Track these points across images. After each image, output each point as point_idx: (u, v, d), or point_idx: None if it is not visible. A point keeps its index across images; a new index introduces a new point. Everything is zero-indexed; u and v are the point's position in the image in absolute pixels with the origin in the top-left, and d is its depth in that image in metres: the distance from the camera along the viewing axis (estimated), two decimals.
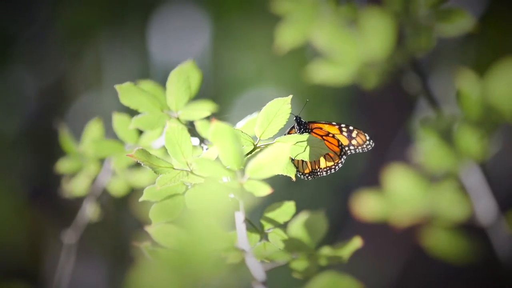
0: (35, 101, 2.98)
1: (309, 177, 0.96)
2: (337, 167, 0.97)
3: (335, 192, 2.76)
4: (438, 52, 2.37)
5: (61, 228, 1.27)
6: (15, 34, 3.04)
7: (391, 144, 2.45)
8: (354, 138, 0.97)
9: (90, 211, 1.14)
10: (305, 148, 0.82)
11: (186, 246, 0.70)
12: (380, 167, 1.52)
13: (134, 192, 1.17)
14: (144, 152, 0.77)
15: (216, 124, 0.75)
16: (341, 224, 2.50)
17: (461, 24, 1.36)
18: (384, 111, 2.58)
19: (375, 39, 1.40)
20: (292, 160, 0.90)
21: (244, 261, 0.79)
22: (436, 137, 1.43)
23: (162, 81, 0.92)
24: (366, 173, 2.52)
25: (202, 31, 3.12)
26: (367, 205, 1.47)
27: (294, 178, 0.86)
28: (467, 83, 1.38)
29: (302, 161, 0.93)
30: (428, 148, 1.43)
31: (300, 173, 0.96)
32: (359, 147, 0.98)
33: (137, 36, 3.10)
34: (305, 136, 0.83)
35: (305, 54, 2.77)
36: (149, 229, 0.76)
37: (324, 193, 2.80)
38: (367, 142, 0.98)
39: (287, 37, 1.43)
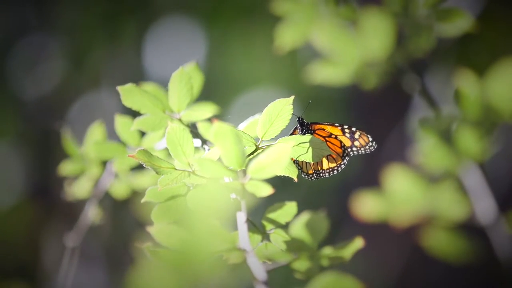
0: (35, 104, 2.98)
1: (313, 177, 0.96)
2: (339, 168, 0.96)
3: (334, 192, 2.77)
4: (437, 52, 2.37)
5: (64, 231, 1.26)
6: (14, 37, 3.05)
7: (391, 144, 2.45)
8: (356, 139, 0.97)
9: (92, 214, 1.14)
10: (307, 149, 0.82)
11: (187, 247, 0.70)
12: (379, 167, 1.52)
13: (135, 193, 1.17)
14: (146, 153, 0.77)
15: (218, 124, 0.75)
16: (341, 225, 2.50)
17: (460, 24, 1.36)
18: (384, 111, 2.58)
19: (375, 39, 1.40)
20: (296, 160, 0.90)
21: (245, 261, 0.79)
22: (436, 137, 1.43)
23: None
24: (366, 173, 2.52)
25: (200, 38, 3.13)
26: (367, 205, 1.47)
27: (296, 179, 0.85)
28: (466, 83, 1.38)
29: (306, 161, 0.93)
30: (427, 148, 1.43)
31: (304, 174, 0.95)
32: (362, 149, 0.97)
33: (134, 42, 3.11)
34: (307, 137, 0.83)
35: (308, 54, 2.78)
36: (151, 229, 0.75)
37: (323, 193, 2.80)
38: (370, 144, 0.98)
39: (287, 37, 1.43)
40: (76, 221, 1.17)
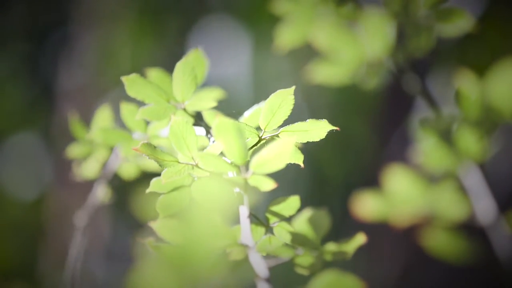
0: (68, 96, 2.98)
1: None
2: None
3: (334, 192, 2.77)
4: (437, 52, 2.37)
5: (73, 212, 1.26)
6: (50, 28, 3.04)
7: (391, 144, 2.45)
8: None
9: (101, 194, 1.14)
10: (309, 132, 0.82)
11: (189, 242, 0.70)
12: (379, 167, 1.52)
13: (133, 188, 1.16)
14: (149, 146, 0.77)
15: (219, 119, 0.75)
16: (341, 224, 2.50)
17: (461, 24, 1.36)
18: (384, 111, 2.59)
19: (375, 39, 1.40)
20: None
21: (247, 257, 0.79)
22: (436, 137, 1.43)
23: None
24: (366, 173, 2.52)
25: (241, 37, 3.13)
26: (367, 205, 1.47)
27: (302, 165, 0.85)
28: (467, 83, 1.38)
29: None
30: (427, 148, 1.43)
31: None
32: None
33: (175, 37, 3.10)
34: (307, 122, 0.82)
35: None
36: (153, 224, 0.75)
37: (323, 192, 2.80)
38: None
39: (286, 37, 1.43)
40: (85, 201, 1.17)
